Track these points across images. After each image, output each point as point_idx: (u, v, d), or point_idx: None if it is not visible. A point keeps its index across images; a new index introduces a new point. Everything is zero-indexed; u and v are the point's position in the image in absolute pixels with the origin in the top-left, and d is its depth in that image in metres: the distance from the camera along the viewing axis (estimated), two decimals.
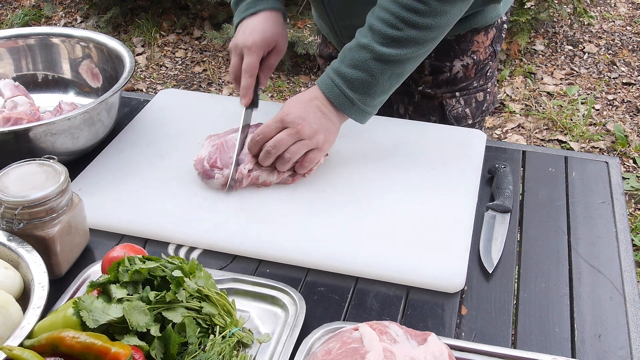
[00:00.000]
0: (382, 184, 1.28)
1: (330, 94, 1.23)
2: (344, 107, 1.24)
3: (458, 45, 1.50)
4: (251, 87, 1.37)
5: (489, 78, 1.59)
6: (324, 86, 1.24)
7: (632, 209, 2.98)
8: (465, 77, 1.54)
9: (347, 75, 1.21)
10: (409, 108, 1.60)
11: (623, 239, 1.21)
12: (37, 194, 1.03)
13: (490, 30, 1.51)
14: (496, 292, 1.10)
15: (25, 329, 0.90)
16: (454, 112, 1.56)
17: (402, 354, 0.86)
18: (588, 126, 3.53)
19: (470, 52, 1.51)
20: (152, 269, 0.95)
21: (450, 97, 1.55)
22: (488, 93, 1.60)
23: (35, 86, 1.59)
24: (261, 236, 1.18)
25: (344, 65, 1.22)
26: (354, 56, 1.21)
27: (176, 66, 4.18)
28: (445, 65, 1.52)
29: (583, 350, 1.00)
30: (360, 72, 1.20)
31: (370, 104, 1.24)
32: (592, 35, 4.40)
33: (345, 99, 1.23)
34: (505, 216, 1.24)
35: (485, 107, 1.60)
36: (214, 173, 1.27)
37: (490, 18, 1.49)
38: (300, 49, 3.71)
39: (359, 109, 1.24)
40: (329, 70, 1.24)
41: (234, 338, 0.94)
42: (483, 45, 1.52)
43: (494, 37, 1.53)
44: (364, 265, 1.12)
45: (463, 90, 1.55)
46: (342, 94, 1.22)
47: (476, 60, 1.53)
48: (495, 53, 1.56)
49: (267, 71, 1.44)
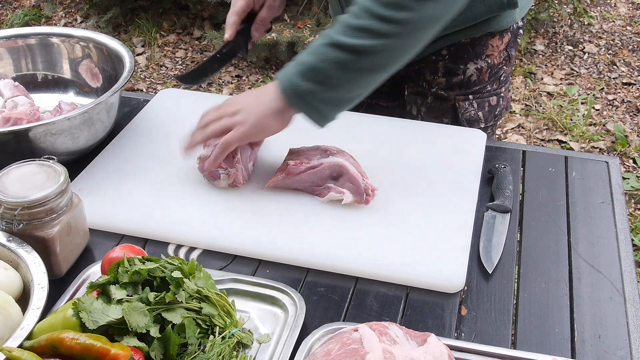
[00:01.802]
0: (382, 183, 1.28)
1: (282, 80, 1.16)
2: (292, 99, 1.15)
3: (472, 49, 1.49)
4: (235, 24, 1.43)
5: (503, 82, 1.57)
6: (281, 75, 1.17)
7: (632, 209, 2.98)
8: (479, 81, 1.53)
9: (302, 62, 1.14)
10: (422, 109, 1.59)
11: (623, 239, 1.21)
12: (37, 194, 1.03)
13: (505, 34, 1.50)
14: (496, 292, 1.10)
15: (24, 329, 0.90)
16: (466, 115, 1.55)
17: (401, 354, 0.86)
18: (588, 126, 3.53)
19: (484, 55, 1.50)
20: (152, 269, 0.95)
21: (463, 99, 1.54)
22: (501, 97, 1.58)
23: (35, 86, 1.59)
24: (261, 236, 1.17)
25: (303, 54, 1.15)
26: (313, 44, 1.14)
27: (176, 66, 4.18)
28: (459, 68, 1.51)
29: (583, 350, 1.00)
30: (312, 56, 1.12)
31: (320, 96, 1.14)
32: (592, 35, 4.39)
33: (296, 87, 1.14)
34: (505, 216, 1.24)
35: (498, 112, 1.59)
36: (220, 173, 1.27)
37: (506, 23, 1.47)
38: (300, 49, 3.71)
39: (306, 102, 1.15)
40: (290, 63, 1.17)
41: (233, 339, 0.94)
42: (498, 49, 1.51)
43: (509, 42, 1.52)
44: (364, 265, 1.12)
45: (476, 93, 1.54)
46: (294, 83, 1.14)
47: (490, 64, 1.52)
48: (509, 58, 1.55)
49: (259, 25, 1.47)
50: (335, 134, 1.36)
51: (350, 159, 1.28)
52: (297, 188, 1.28)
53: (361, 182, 1.23)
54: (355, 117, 1.50)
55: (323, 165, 1.25)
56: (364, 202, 1.23)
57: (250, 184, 1.31)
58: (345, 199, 1.23)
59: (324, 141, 1.34)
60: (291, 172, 1.25)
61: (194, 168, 1.35)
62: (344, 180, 1.24)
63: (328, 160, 1.26)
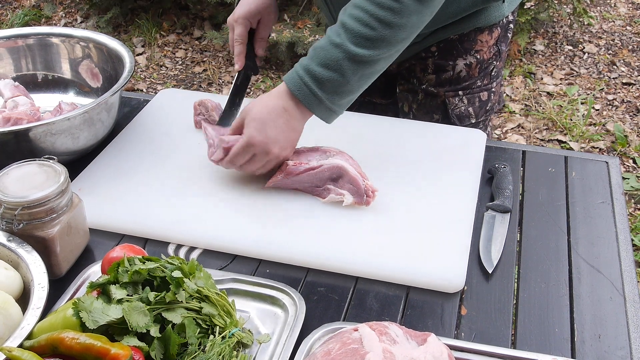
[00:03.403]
0: (382, 183, 1.28)
1: (298, 93, 1.21)
2: (311, 106, 1.22)
3: (461, 45, 1.50)
4: (242, 53, 1.48)
5: (494, 77, 1.58)
6: (292, 84, 1.21)
7: (632, 209, 2.98)
8: (468, 76, 1.54)
9: (317, 74, 1.19)
10: (412, 106, 1.60)
11: (623, 239, 1.21)
12: (37, 194, 1.03)
13: (495, 29, 1.51)
14: (496, 292, 1.10)
15: (25, 329, 0.90)
16: (456, 110, 1.56)
17: (401, 354, 0.86)
18: (588, 126, 3.53)
19: (473, 51, 1.51)
20: (152, 269, 0.95)
21: (453, 95, 1.55)
22: (493, 92, 1.59)
23: (35, 86, 1.59)
24: (261, 236, 1.18)
25: (315, 64, 1.19)
26: (326, 55, 1.18)
27: (176, 66, 4.18)
28: (448, 64, 1.52)
29: (583, 350, 1.00)
30: (331, 71, 1.18)
31: (338, 103, 1.22)
32: (592, 36, 4.39)
33: (314, 97, 1.20)
34: (505, 216, 1.24)
35: (490, 107, 1.60)
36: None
37: (495, 17, 1.48)
38: (300, 49, 3.71)
39: (326, 108, 1.22)
40: (298, 67, 1.22)
41: (233, 338, 0.94)
42: (487, 44, 1.52)
43: (498, 37, 1.52)
44: (364, 265, 1.12)
45: (466, 89, 1.55)
46: (311, 93, 1.20)
47: (480, 59, 1.52)
48: (500, 52, 1.55)
49: (260, 42, 1.53)
50: (335, 134, 1.37)
51: (349, 159, 1.28)
52: (297, 188, 1.28)
53: (361, 184, 1.23)
54: (356, 117, 1.50)
55: (322, 167, 1.25)
56: (364, 204, 1.23)
57: (250, 184, 1.31)
58: (345, 201, 1.23)
59: (324, 141, 1.34)
60: (290, 172, 1.25)
61: (194, 168, 1.35)
62: (344, 181, 1.24)
63: (327, 161, 1.26)
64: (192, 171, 1.34)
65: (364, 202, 1.22)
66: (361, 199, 1.22)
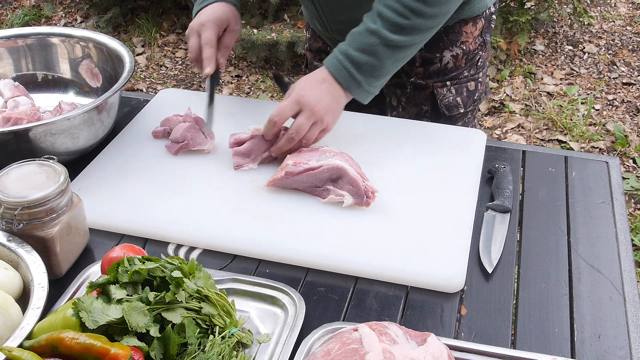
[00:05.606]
0: (382, 184, 1.28)
1: (338, 76, 1.30)
2: (351, 88, 1.31)
3: (447, 36, 1.54)
4: (213, 56, 1.45)
5: (480, 68, 1.62)
6: (333, 68, 1.30)
7: (632, 209, 2.98)
8: (455, 67, 1.58)
9: (356, 59, 1.28)
10: (401, 99, 1.63)
11: (623, 239, 1.21)
12: (37, 194, 1.03)
13: (478, 20, 1.55)
14: (496, 292, 1.10)
15: (24, 329, 0.90)
16: (445, 101, 1.59)
17: (401, 354, 0.86)
18: (588, 126, 3.53)
19: (459, 42, 1.55)
20: (152, 269, 0.95)
21: (441, 86, 1.59)
22: (479, 82, 1.63)
23: (35, 86, 1.59)
24: (261, 236, 1.17)
25: (352, 49, 1.28)
26: (363, 40, 1.27)
27: (176, 66, 4.18)
28: (435, 57, 1.55)
29: (582, 350, 1.00)
30: (368, 56, 1.27)
31: (374, 84, 1.32)
32: (592, 35, 4.39)
33: (353, 80, 1.29)
34: (505, 216, 1.24)
35: (477, 97, 1.64)
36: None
37: (478, 9, 1.53)
38: (300, 49, 3.71)
39: (364, 90, 1.31)
40: (337, 53, 1.31)
41: (233, 338, 0.94)
42: (472, 35, 1.56)
43: (483, 27, 1.57)
44: (364, 265, 1.12)
45: (454, 79, 1.59)
46: (350, 76, 1.29)
47: (466, 50, 1.56)
48: (485, 43, 1.60)
49: (225, 50, 1.51)
50: (335, 134, 1.37)
51: (349, 160, 1.28)
52: (297, 188, 1.28)
53: (361, 185, 1.22)
54: (356, 118, 1.50)
55: (322, 168, 1.25)
56: (364, 205, 1.23)
57: (250, 183, 1.31)
58: (345, 202, 1.23)
59: (324, 141, 1.34)
60: (290, 172, 1.25)
61: (194, 168, 1.35)
62: (344, 182, 1.24)
63: (327, 162, 1.26)
64: (192, 171, 1.34)
65: (363, 203, 1.22)
66: (361, 199, 1.22)
